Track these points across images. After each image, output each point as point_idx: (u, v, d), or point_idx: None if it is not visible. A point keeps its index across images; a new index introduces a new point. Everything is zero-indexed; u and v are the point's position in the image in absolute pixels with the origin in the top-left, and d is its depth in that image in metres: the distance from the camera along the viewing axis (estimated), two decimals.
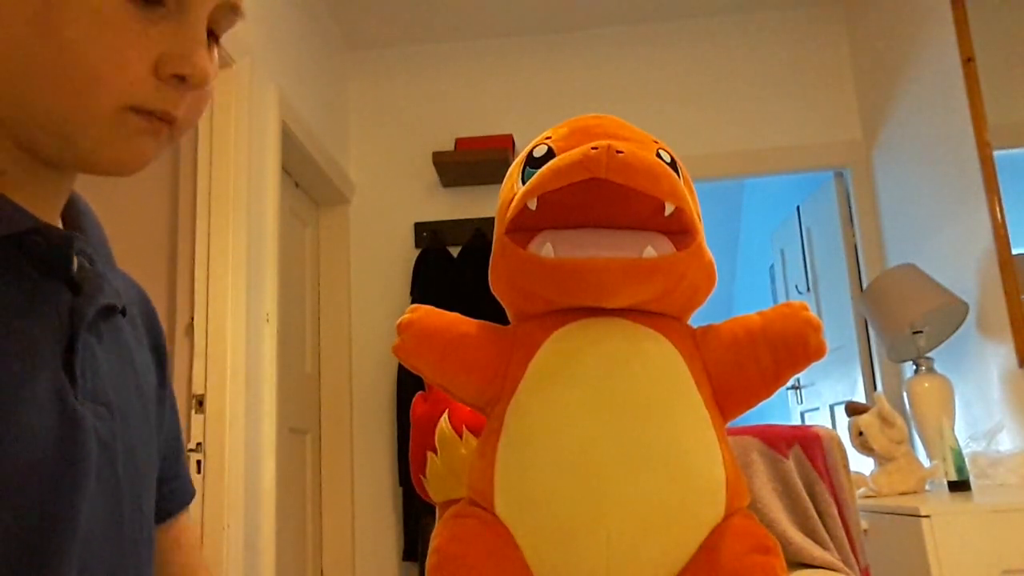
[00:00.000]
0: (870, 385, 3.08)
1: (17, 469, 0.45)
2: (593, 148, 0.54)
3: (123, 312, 0.61)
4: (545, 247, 0.57)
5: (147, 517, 0.59)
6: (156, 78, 0.50)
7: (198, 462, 1.98)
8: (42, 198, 0.54)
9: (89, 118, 0.48)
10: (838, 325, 3.24)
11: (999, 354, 2.28)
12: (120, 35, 0.47)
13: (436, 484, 0.87)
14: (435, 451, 0.86)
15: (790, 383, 3.02)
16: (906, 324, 2.37)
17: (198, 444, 1.98)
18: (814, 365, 0.60)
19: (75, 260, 0.55)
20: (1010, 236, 2.22)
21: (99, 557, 0.50)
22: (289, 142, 2.57)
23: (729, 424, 0.61)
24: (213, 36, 0.54)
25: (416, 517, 2.88)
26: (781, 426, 1.30)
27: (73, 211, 0.60)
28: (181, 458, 0.72)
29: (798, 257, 3.73)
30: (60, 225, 0.59)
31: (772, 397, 0.62)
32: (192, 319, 2.05)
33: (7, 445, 0.45)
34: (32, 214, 0.51)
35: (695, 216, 0.58)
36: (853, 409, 2.19)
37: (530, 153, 0.61)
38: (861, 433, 2.10)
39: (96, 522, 0.50)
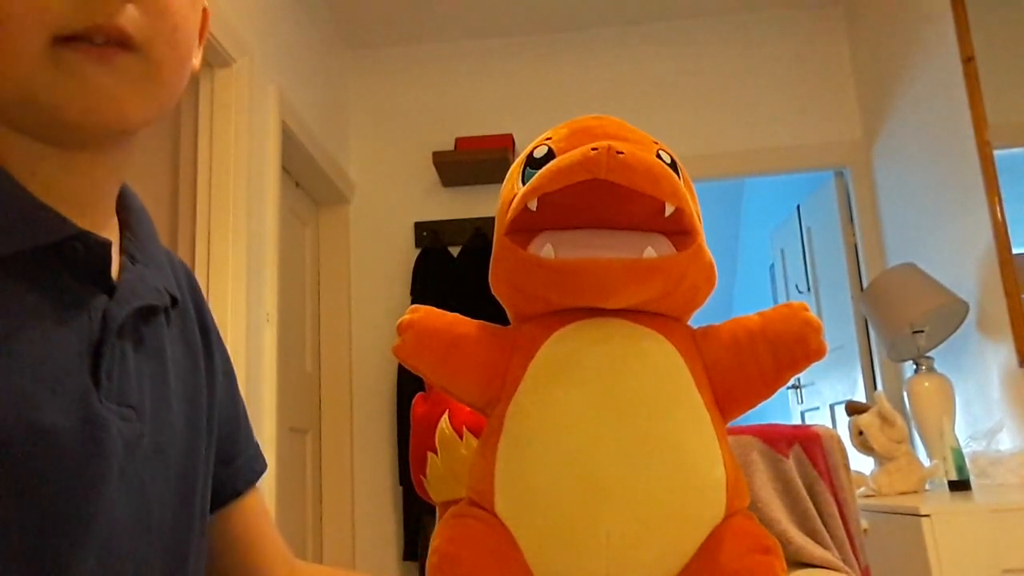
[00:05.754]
0: (870, 385, 3.08)
1: (37, 467, 0.46)
2: (593, 149, 0.54)
3: (175, 302, 0.61)
4: (545, 248, 0.57)
5: (185, 515, 0.59)
6: None
7: None
8: (80, 198, 0.53)
9: (23, 64, 0.46)
10: (838, 325, 3.24)
11: (999, 354, 2.28)
12: None
13: (436, 484, 0.87)
14: (435, 451, 0.86)
15: (790, 383, 3.02)
16: (906, 324, 2.37)
17: None
18: (814, 365, 0.60)
19: (120, 262, 0.55)
20: (1010, 236, 2.22)
21: (123, 553, 0.51)
22: (289, 142, 2.57)
23: (729, 424, 0.61)
24: None
25: (416, 517, 2.88)
26: (781, 426, 1.30)
27: (122, 205, 0.60)
28: (239, 435, 0.71)
29: (798, 257, 3.73)
30: (116, 222, 0.59)
31: (772, 397, 0.62)
32: None
33: (29, 446, 0.46)
34: (71, 221, 0.51)
35: (695, 217, 0.59)
36: (853, 409, 2.19)
37: (530, 154, 0.62)
38: (861, 433, 2.10)
39: (120, 519, 0.51)
